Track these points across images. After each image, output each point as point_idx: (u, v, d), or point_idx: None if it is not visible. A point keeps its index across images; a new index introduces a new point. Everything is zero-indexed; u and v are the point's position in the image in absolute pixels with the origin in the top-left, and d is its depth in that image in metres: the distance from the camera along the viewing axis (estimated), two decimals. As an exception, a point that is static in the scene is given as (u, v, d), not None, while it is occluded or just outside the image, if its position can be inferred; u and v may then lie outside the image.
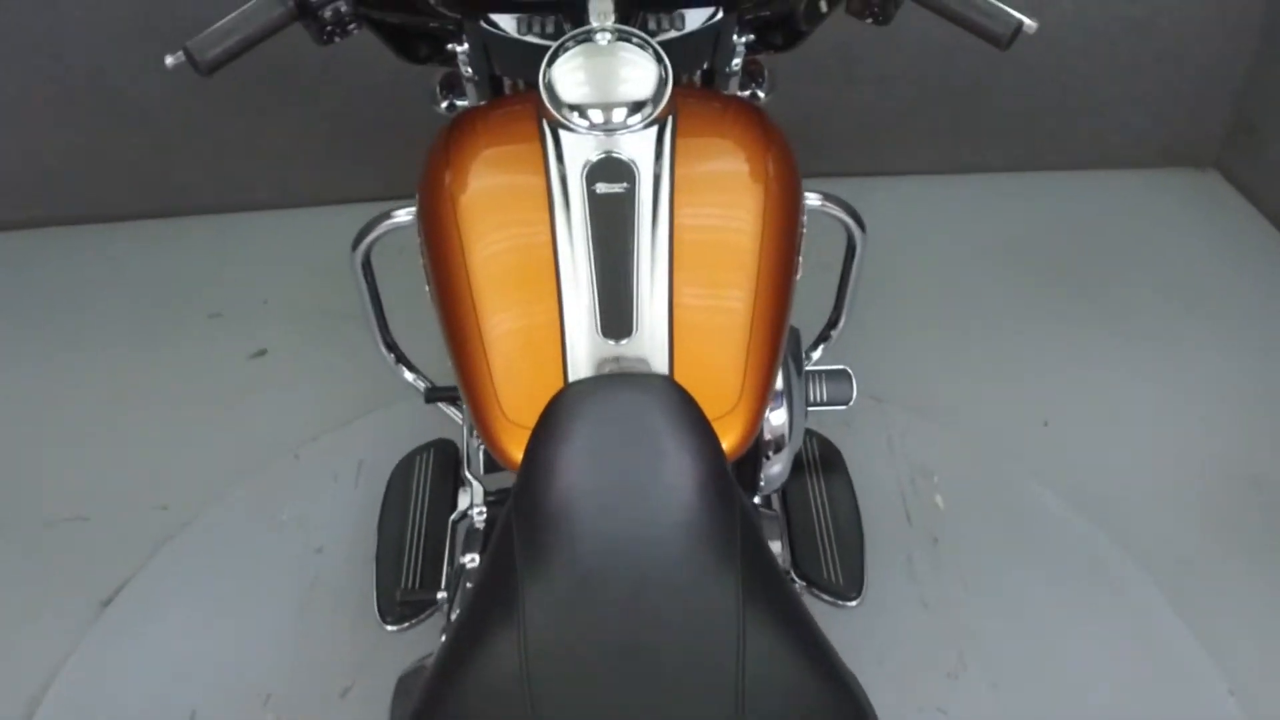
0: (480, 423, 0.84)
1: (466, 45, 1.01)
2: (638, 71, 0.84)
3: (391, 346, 1.21)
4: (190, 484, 1.71)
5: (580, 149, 0.86)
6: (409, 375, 1.25)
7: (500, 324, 0.84)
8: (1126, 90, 2.33)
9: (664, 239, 0.84)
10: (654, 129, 0.87)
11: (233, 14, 0.87)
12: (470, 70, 1.05)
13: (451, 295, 0.87)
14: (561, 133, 0.87)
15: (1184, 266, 2.20)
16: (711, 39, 1.00)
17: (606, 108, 0.83)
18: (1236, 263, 2.21)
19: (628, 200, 0.84)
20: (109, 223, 2.37)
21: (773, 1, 1.01)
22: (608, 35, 0.85)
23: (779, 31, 1.11)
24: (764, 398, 0.85)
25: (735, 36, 1.04)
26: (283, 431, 1.80)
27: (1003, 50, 0.91)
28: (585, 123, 0.84)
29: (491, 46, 0.99)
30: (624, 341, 0.81)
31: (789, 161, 0.95)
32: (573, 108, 0.84)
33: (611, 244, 0.83)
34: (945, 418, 1.82)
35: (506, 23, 0.96)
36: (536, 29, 0.95)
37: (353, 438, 1.78)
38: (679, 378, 0.81)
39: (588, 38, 0.85)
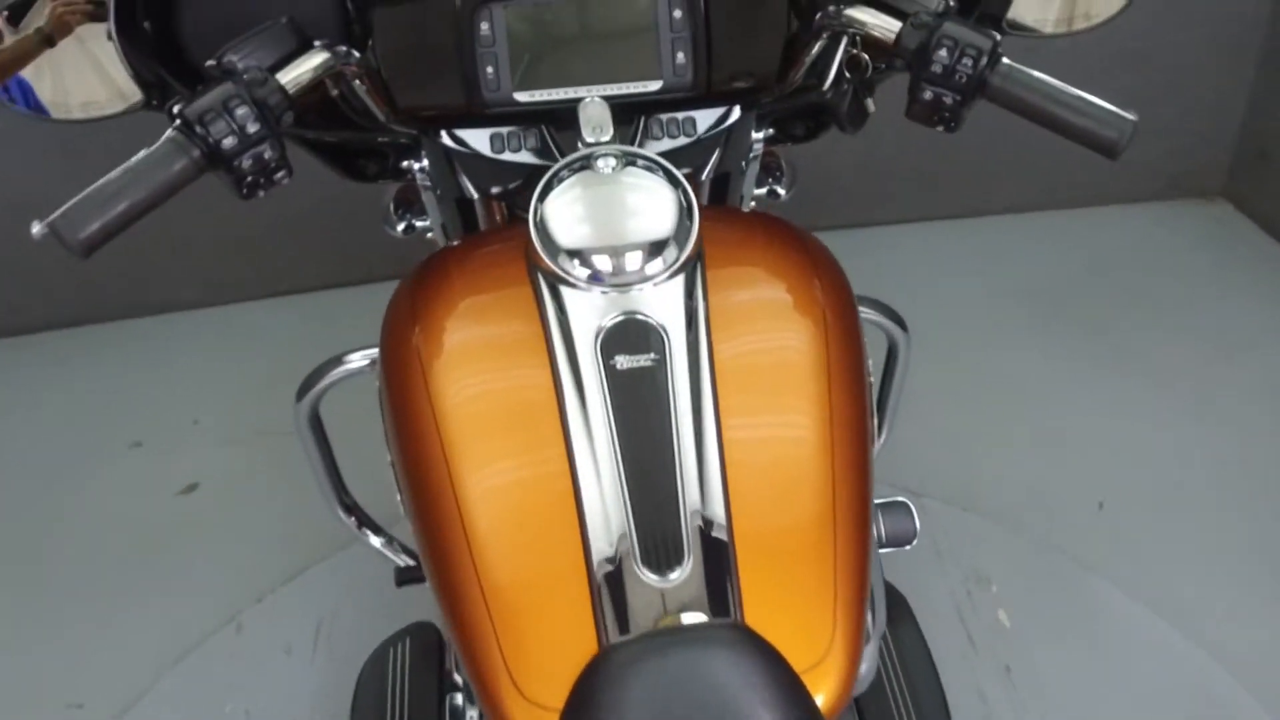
0: (484, 697, 0.63)
1: (426, 163, 0.83)
2: (653, 201, 0.66)
3: (351, 509, 1.00)
4: (110, 672, 1.44)
5: (589, 310, 0.66)
6: (376, 541, 1.03)
7: (499, 557, 0.63)
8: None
9: (711, 426, 0.65)
10: (681, 276, 0.67)
11: (114, 171, 0.61)
12: (431, 183, 0.87)
13: (431, 510, 0.66)
14: (564, 289, 0.66)
15: (1209, 304, 2.06)
16: (724, 139, 0.85)
17: (616, 253, 0.65)
18: (1261, 296, 2.07)
19: (659, 376, 0.65)
20: (8, 337, 2.10)
21: (798, 95, 0.85)
22: (611, 160, 0.66)
23: (801, 122, 0.96)
24: (861, 626, 0.65)
25: (753, 132, 0.89)
26: (221, 591, 1.53)
27: (1113, 159, 0.70)
28: (586, 271, 0.65)
29: (462, 167, 0.81)
30: (673, 575, 0.62)
31: (844, 293, 0.76)
32: (572, 254, 0.65)
33: (644, 439, 0.64)
34: (990, 508, 1.62)
35: (477, 139, 0.77)
36: (514, 144, 0.77)
37: (307, 593, 1.52)
38: (752, 621, 0.61)
39: (585, 164, 0.66)
